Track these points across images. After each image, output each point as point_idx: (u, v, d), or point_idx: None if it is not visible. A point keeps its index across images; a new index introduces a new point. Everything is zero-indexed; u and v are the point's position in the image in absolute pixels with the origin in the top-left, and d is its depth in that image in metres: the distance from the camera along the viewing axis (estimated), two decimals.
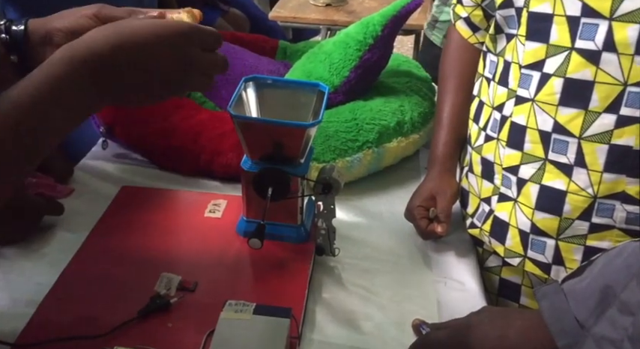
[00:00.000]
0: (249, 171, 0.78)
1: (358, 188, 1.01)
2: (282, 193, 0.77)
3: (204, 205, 0.89)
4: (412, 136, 1.05)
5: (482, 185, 0.82)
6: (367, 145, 0.99)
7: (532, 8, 0.70)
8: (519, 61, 0.73)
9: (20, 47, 0.57)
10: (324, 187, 0.77)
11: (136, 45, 0.50)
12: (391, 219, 0.94)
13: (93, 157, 1.07)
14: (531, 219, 0.75)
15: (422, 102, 1.09)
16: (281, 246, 0.81)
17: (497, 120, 0.78)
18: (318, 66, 1.08)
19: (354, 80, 1.05)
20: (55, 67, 0.49)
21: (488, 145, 0.80)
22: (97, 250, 0.80)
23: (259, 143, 0.76)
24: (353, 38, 1.04)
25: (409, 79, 1.15)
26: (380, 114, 1.02)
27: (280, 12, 2.26)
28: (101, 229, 0.84)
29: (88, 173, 1.02)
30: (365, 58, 1.04)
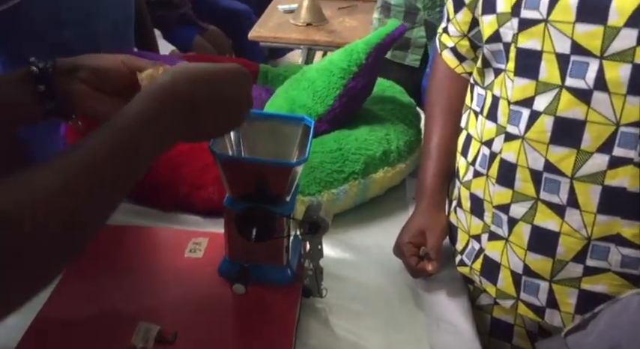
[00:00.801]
0: (231, 209, 0.74)
1: (344, 220, 0.98)
2: (267, 234, 0.74)
3: (184, 244, 0.84)
4: (399, 166, 1.02)
5: (472, 221, 0.79)
6: (353, 176, 0.96)
7: (520, 44, 0.69)
8: (508, 96, 0.71)
9: (48, 78, 0.61)
10: (311, 227, 0.73)
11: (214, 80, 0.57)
12: (379, 254, 0.90)
13: None
14: (524, 259, 0.72)
15: (407, 130, 1.07)
16: (266, 288, 0.77)
17: (486, 155, 0.75)
18: (302, 93, 1.05)
19: (339, 109, 1.02)
20: (148, 101, 0.53)
21: (478, 181, 0.77)
22: (70, 295, 0.74)
23: (242, 181, 0.72)
24: (337, 66, 1.01)
25: (394, 106, 1.13)
26: (365, 143, 1.00)
27: (260, 32, 2.23)
28: (74, 272, 0.79)
29: None
30: (349, 87, 1.01)
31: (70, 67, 0.62)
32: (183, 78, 0.55)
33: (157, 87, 0.54)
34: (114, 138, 0.49)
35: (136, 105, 0.52)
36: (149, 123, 0.51)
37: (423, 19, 1.60)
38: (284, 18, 2.35)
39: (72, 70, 0.62)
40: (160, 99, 0.53)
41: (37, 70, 0.61)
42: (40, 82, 0.61)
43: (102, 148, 0.48)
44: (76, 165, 0.45)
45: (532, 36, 0.67)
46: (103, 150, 0.48)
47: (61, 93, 0.62)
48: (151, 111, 0.52)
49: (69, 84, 0.62)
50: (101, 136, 0.49)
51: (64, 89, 0.62)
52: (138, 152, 0.51)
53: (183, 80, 0.55)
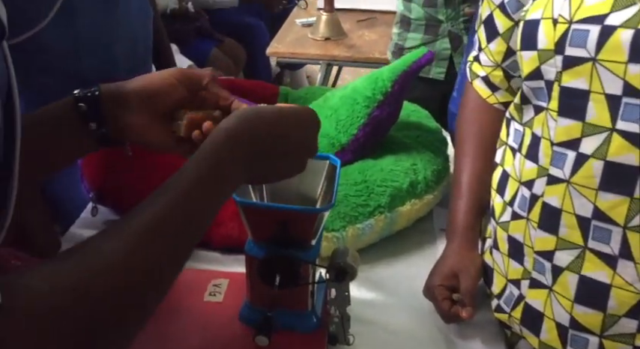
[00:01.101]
0: (253, 256, 0.70)
1: (369, 255, 0.93)
2: (292, 281, 0.70)
3: (203, 286, 0.81)
4: (426, 197, 0.97)
5: (510, 265, 0.74)
6: (379, 210, 0.92)
7: (565, 83, 0.64)
8: (551, 137, 0.66)
9: (97, 114, 0.58)
10: (338, 274, 0.69)
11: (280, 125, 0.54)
12: (409, 293, 0.86)
13: (82, 225, 1.00)
14: (570, 312, 0.67)
15: (435, 158, 1.02)
16: (290, 335, 0.73)
17: (526, 197, 0.70)
18: (324, 122, 1.00)
19: (363, 138, 0.98)
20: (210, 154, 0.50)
21: (517, 224, 0.72)
22: None
23: (265, 226, 0.69)
24: (361, 94, 0.97)
25: (420, 132, 1.08)
26: (391, 174, 0.95)
27: (277, 48, 2.20)
28: None
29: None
30: (374, 116, 0.97)
31: (118, 96, 0.59)
32: (247, 123, 0.52)
33: (220, 137, 0.51)
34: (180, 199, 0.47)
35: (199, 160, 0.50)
36: (214, 178, 0.50)
37: (447, 31, 1.55)
38: (302, 32, 2.32)
39: (121, 100, 0.59)
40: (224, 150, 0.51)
41: (85, 107, 0.58)
42: (89, 119, 0.58)
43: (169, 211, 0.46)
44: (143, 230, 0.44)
45: (578, 75, 0.62)
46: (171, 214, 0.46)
47: (113, 126, 0.59)
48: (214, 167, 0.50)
49: (120, 116, 0.59)
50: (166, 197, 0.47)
51: (116, 123, 0.59)
52: (203, 210, 0.49)
53: (246, 126, 0.52)
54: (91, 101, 0.58)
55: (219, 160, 0.50)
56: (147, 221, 0.44)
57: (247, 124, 0.53)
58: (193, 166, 0.49)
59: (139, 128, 0.60)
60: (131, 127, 0.60)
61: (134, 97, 0.59)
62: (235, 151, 0.51)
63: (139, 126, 0.60)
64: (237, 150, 0.51)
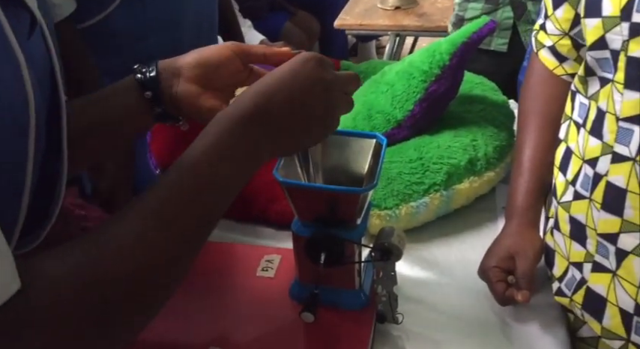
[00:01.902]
0: (299, 235, 0.71)
1: (425, 234, 0.92)
2: (337, 259, 0.70)
3: (256, 262, 0.83)
4: (487, 174, 0.93)
5: (572, 247, 0.70)
6: (434, 188, 0.89)
7: (631, 52, 0.58)
8: (616, 111, 0.61)
9: (153, 84, 0.59)
10: (383, 254, 0.68)
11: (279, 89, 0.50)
12: (463, 274, 0.83)
13: None
14: (636, 298, 0.62)
15: (498, 133, 0.98)
16: (338, 313, 0.73)
17: (589, 176, 0.65)
18: (380, 97, 0.99)
19: (419, 114, 0.95)
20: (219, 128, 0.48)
21: (579, 204, 0.68)
22: None
23: (309, 206, 0.69)
24: (417, 68, 0.94)
25: (483, 106, 1.03)
26: (449, 151, 0.92)
27: (346, 19, 2.17)
28: None
29: None
30: (431, 90, 0.93)
31: (174, 68, 0.60)
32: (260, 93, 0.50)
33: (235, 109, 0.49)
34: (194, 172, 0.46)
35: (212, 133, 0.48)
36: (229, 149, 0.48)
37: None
38: (371, 2, 2.27)
39: (176, 71, 0.60)
40: (238, 121, 0.48)
41: (141, 77, 0.59)
42: (146, 89, 0.59)
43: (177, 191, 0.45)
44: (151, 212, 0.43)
45: None
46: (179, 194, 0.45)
47: (168, 96, 0.60)
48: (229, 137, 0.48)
49: (175, 86, 0.60)
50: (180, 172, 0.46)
51: (170, 92, 0.60)
52: (220, 183, 0.47)
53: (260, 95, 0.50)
54: (148, 72, 0.60)
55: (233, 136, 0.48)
56: (156, 202, 0.44)
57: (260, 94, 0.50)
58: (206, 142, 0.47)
59: (190, 98, 0.59)
60: (183, 97, 0.59)
61: (186, 66, 0.59)
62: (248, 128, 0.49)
63: (189, 95, 0.59)
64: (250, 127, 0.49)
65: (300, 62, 0.52)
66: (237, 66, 0.61)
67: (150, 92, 0.59)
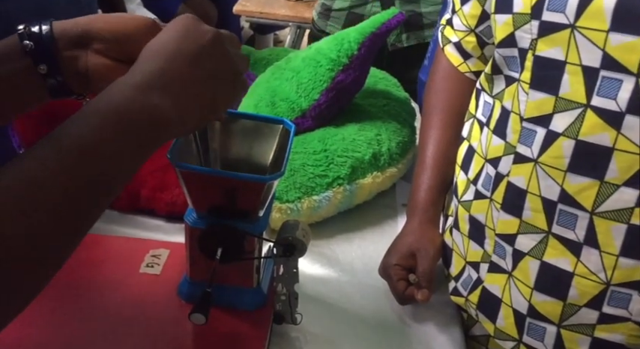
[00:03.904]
0: (194, 226, 0.63)
1: (325, 230, 0.88)
2: (235, 254, 0.64)
3: (140, 256, 0.74)
4: (389, 170, 0.92)
5: (470, 247, 0.70)
6: (338, 182, 0.86)
7: (539, 52, 0.58)
8: (520, 111, 0.60)
9: (48, 54, 0.48)
10: (286, 249, 0.63)
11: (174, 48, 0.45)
12: (364, 271, 0.81)
13: None
14: (529, 299, 0.63)
15: (401, 129, 0.97)
16: (232, 312, 0.67)
17: (490, 176, 0.65)
18: (285, 84, 0.93)
19: (325, 104, 0.91)
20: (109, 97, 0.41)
21: (479, 204, 0.67)
22: None
23: (207, 195, 0.62)
24: (325, 56, 0.90)
25: (387, 101, 1.02)
26: (353, 144, 0.89)
27: (246, 6, 2.09)
28: None
29: None
30: (338, 80, 0.90)
31: (79, 37, 0.49)
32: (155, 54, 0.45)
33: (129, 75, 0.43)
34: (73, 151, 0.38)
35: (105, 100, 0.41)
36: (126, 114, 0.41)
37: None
38: None
39: (82, 41, 0.50)
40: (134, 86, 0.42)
41: (31, 45, 0.48)
42: (39, 60, 0.48)
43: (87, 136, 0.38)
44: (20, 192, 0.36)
45: (554, 43, 0.56)
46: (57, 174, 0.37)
47: (71, 69, 0.49)
48: (126, 103, 0.41)
49: (82, 59, 0.50)
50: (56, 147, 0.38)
51: (74, 66, 0.49)
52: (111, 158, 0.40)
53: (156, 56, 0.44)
54: (40, 39, 0.48)
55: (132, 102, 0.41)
56: (25, 179, 0.36)
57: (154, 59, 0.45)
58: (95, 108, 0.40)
59: (101, 72, 0.50)
60: (96, 70, 0.50)
61: (97, 37, 0.50)
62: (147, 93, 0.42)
63: (101, 70, 0.50)
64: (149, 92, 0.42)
65: (179, 19, 0.48)
66: None
67: (44, 66, 0.49)
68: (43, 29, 0.49)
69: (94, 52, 0.50)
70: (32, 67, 0.49)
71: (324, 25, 1.46)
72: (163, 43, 0.46)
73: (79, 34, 0.50)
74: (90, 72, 0.50)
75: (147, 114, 0.42)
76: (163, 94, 0.43)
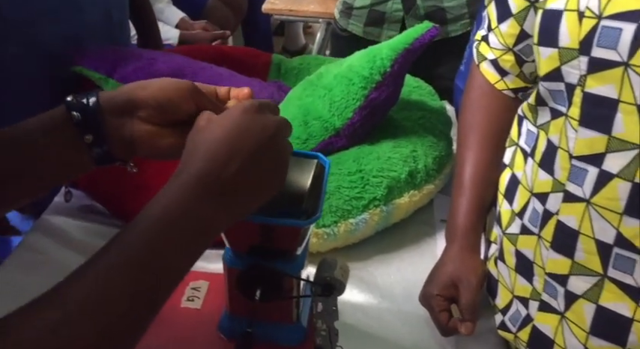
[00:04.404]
0: (232, 267, 0.63)
1: (362, 251, 0.87)
2: (274, 294, 0.63)
3: (181, 289, 0.74)
4: (426, 187, 0.90)
5: (517, 281, 0.67)
6: (374, 203, 0.84)
7: (589, 89, 0.54)
8: (569, 148, 0.57)
9: (95, 124, 0.50)
10: (325, 289, 0.63)
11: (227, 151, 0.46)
12: (403, 297, 0.80)
13: (55, 211, 0.93)
14: (585, 343, 0.60)
15: (437, 143, 0.94)
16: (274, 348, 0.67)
17: (538, 212, 0.62)
18: (317, 102, 0.92)
19: (359, 122, 0.89)
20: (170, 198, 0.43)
21: (526, 239, 0.65)
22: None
23: (243, 237, 0.62)
24: (357, 74, 0.88)
25: (422, 113, 0.99)
26: (389, 163, 0.87)
27: (274, 4, 2.07)
28: None
29: (48, 236, 0.87)
30: (371, 98, 0.88)
31: (123, 105, 0.51)
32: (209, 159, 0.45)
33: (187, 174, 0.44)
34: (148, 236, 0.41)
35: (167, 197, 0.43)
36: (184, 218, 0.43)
37: None
38: None
39: (126, 109, 0.51)
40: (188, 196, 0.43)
41: (78, 116, 0.49)
42: (86, 130, 0.50)
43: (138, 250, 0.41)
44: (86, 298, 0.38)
45: (606, 80, 0.53)
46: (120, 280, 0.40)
47: (116, 137, 0.51)
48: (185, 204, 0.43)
49: (127, 127, 0.51)
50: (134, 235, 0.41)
51: (120, 134, 0.51)
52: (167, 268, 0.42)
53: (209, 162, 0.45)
54: (87, 109, 0.50)
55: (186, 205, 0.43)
56: (92, 288, 0.38)
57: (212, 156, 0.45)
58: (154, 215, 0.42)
59: (147, 139, 0.52)
60: (137, 138, 0.52)
61: (143, 105, 0.51)
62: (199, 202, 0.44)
63: (146, 136, 0.52)
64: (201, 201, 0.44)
65: (239, 114, 0.47)
66: (192, 107, 0.53)
67: (90, 136, 0.50)
68: (91, 101, 0.50)
69: (139, 119, 0.51)
70: (78, 137, 0.50)
71: (345, 23, 1.43)
72: (220, 141, 0.46)
73: (124, 102, 0.51)
74: (134, 138, 0.52)
75: (200, 226, 0.44)
76: (218, 204, 0.44)
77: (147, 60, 1.01)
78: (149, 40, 1.38)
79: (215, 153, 0.45)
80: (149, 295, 0.41)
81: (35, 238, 0.87)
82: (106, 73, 0.99)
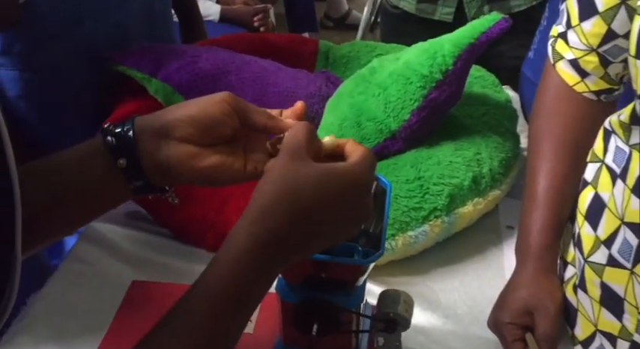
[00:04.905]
0: (285, 300, 0.59)
1: (421, 263, 0.81)
2: (330, 329, 0.59)
3: None
4: (492, 194, 0.83)
5: (602, 314, 0.60)
6: (435, 214, 0.78)
7: None
8: None
9: (129, 148, 0.48)
10: (388, 325, 0.58)
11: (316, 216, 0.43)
12: (469, 318, 0.74)
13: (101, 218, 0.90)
14: None
15: (503, 143, 0.86)
16: None
17: (631, 245, 0.54)
18: (371, 101, 0.85)
19: (417, 124, 0.82)
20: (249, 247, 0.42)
21: (615, 272, 0.57)
22: None
23: (299, 269, 0.57)
24: (415, 71, 0.80)
25: (486, 109, 0.91)
26: (450, 169, 0.80)
27: None
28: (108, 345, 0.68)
29: (95, 245, 0.85)
30: (430, 98, 0.80)
31: (157, 127, 0.48)
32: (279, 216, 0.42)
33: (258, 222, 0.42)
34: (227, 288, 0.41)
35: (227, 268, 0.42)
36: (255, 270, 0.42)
37: None
38: None
39: (161, 131, 0.48)
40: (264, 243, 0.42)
41: (112, 140, 0.47)
42: (119, 155, 0.48)
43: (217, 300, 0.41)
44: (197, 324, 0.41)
45: None
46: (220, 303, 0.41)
47: (151, 162, 0.48)
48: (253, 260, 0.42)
49: (162, 150, 0.48)
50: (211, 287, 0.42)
51: (155, 158, 0.48)
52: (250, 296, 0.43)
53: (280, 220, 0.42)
54: (122, 134, 0.48)
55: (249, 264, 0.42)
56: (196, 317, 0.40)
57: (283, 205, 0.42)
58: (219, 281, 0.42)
59: (184, 161, 0.49)
60: (174, 161, 0.48)
61: (178, 124, 0.48)
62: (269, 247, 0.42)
63: (183, 158, 0.48)
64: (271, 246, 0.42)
65: (358, 168, 0.44)
66: (235, 123, 0.49)
67: (124, 160, 0.47)
68: (126, 128, 0.48)
69: (175, 141, 0.48)
70: (114, 164, 0.48)
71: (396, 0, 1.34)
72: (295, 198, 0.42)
73: (159, 124, 0.48)
74: (171, 162, 0.49)
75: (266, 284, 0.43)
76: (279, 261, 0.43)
77: (190, 57, 0.96)
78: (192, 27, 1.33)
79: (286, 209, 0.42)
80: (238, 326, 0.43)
81: (83, 248, 0.86)
82: (149, 72, 0.95)
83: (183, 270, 0.80)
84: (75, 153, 0.49)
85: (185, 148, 0.48)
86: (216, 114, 0.48)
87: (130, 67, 0.95)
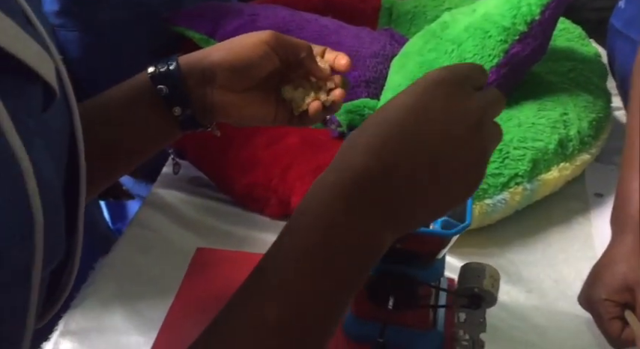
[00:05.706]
0: None
1: (499, 233, 0.75)
2: (408, 303, 0.54)
3: None
4: (580, 158, 0.75)
5: None
6: (516, 181, 0.71)
7: None
8: None
9: (182, 96, 0.49)
10: (471, 301, 0.53)
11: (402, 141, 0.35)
12: (555, 292, 0.68)
13: (164, 184, 0.89)
14: None
15: (593, 102, 0.78)
16: None
17: None
18: (442, 59, 0.78)
19: (496, 82, 0.75)
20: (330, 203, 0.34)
21: None
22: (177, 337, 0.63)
23: None
24: (495, 24, 0.73)
25: (572, 64, 0.82)
26: (533, 131, 0.73)
27: None
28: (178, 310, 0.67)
29: (159, 212, 0.84)
30: (512, 53, 0.73)
31: (202, 74, 0.49)
32: (375, 151, 0.35)
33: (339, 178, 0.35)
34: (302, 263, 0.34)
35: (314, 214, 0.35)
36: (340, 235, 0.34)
37: None
38: None
39: (206, 78, 0.50)
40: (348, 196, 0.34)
41: (166, 90, 0.48)
42: (173, 103, 0.49)
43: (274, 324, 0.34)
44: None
45: None
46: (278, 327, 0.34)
47: (200, 106, 0.50)
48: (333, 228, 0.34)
49: (208, 96, 0.50)
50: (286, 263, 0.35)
51: (203, 103, 0.50)
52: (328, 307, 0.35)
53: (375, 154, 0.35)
54: (172, 81, 0.49)
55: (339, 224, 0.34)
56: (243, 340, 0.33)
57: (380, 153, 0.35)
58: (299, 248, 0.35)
59: (228, 107, 0.51)
60: (221, 107, 0.51)
61: (220, 72, 0.49)
62: (363, 202, 0.34)
63: (227, 105, 0.51)
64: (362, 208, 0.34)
65: (428, 91, 0.36)
66: (275, 63, 0.50)
67: (179, 108, 0.49)
68: (171, 67, 0.48)
69: (219, 88, 0.50)
70: (165, 107, 0.49)
71: None
72: (391, 126, 0.35)
73: (203, 71, 0.49)
74: (217, 108, 0.51)
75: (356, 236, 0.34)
76: (379, 218, 0.34)
77: (248, 16, 0.91)
78: None
79: (380, 141, 0.35)
80: None
81: (147, 214, 0.84)
82: (207, 33, 0.91)
83: (246, 238, 0.77)
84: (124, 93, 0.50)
85: (227, 97, 0.50)
86: (253, 57, 0.49)
87: (187, 27, 0.92)
